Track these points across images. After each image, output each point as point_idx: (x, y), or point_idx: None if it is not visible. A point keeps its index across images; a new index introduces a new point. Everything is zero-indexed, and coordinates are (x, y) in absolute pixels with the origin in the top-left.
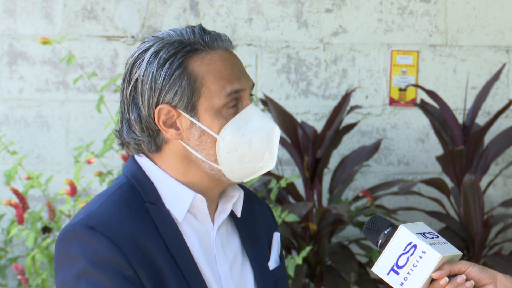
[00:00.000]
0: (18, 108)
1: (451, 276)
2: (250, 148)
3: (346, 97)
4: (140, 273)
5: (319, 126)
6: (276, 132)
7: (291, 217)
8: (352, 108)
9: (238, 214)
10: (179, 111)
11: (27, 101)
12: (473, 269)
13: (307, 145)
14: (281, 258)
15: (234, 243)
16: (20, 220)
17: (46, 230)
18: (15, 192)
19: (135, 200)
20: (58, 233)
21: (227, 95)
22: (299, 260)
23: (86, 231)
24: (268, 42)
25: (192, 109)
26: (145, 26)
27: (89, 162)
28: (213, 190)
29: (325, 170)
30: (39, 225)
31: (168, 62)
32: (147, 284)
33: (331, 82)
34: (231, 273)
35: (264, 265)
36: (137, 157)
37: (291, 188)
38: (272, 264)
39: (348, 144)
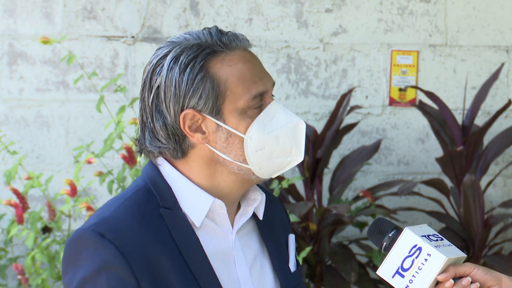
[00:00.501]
0: (18, 108)
1: (456, 279)
2: (278, 144)
3: (345, 97)
4: (144, 284)
5: (319, 126)
6: (302, 126)
7: (291, 218)
8: (352, 108)
9: (261, 217)
10: (204, 115)
11: (27, 101)
12: (478, 271)
13: (307, 145)
14: (298, 262)
15: (253, 244)
16: (20, 220)
17: (46, 230)
18: (15, 192)
19: (150, 205)
20: (58, 233)
21: (252, 98)
22: (299, 260)
23: (96, 238)
24: (268, 42)
25: (217, 112)
26: (145, 26)
27: (89, 162)
28: (239, 190)
29: (325, 170)
30: (39, 225)
31: (189, 66)
32: None
33: (331, 82)
34: (251, 275)
35: (287, 268)
36: (157, 161)
37: (291, 188)
38: (292, 266)
39: (348, 144)
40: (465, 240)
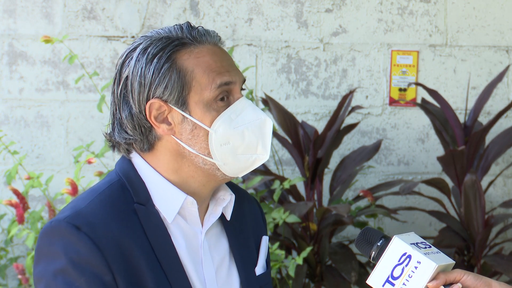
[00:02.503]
0: (18, 108)
1: (447, 285)
2: (243, 140)
3: (347, 97)
4: (118, 278)
5: (319, 126)
6: (269, 124)
7: (292, 218)
8: (353, 109)
9: (228, 218)
10: (170, 105)
11: (27, 101)
12: (468, 277)
13: (307, 145)
14: (267, 263)
15: (222, 246)
16: (21, 220)
17: None
18: (16, 192)
19: (124, 200)
20: None
21: (217, 87)
22: (299, 260)
23: (71, 230)
24: (268, 42)
25: (183, 103)
26: (145, 26)
27: (89, 162)
28: (206, 187)
29: (326, 170)
30: (39, 225)
31: (157, 57)
32: None
33: (331, 82)
34: (217, 277)
35: (251, 271)
36: (130, 155)
37: (291, 188)
38: (259, 269)
39: (348, 144)
40: (466, 240)
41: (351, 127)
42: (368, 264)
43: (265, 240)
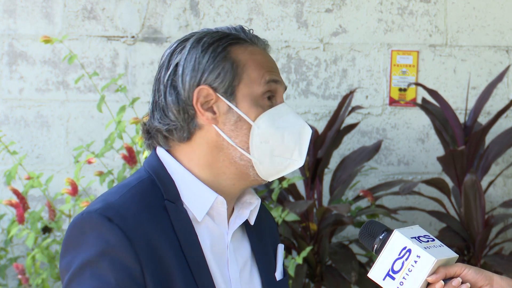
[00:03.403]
0: (18, 108)
1: (447, 279)
2: (282, 142)
3: (347, 97)
4: (146, 271)
5: (319, 126)
6: (308, 132)
7: (291, 217)
8: (353, 109)
9: (253, 222)
10: (218, 95)
11: (27, 101)
12: (469, 272)
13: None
14: (285, 271)
15: (245, 249)
16: (20, 220)
17: (46, 230)
18: (15, 192)
19: (155, 196)
20: (58, 233)
21: (266, 82)
22: (299, 260)
23: (103, 221)
24: (268, 42)
25: (231, 93)
26: (145, 26)
27: (89, 162)
28: (236, 186)
29: (326, 170)
30: (39, 225)
31: (213, 46)
32: (151, 283)
33: (331, 82)
34: (241, 278)
35: (272, 275)
36: (159, 152)
37: (291, 188)
38: (278, 275)
39: (348, 144)
40: (466, 240)
41: (351, 127)
42: (368, 264)
43: (280, 248)
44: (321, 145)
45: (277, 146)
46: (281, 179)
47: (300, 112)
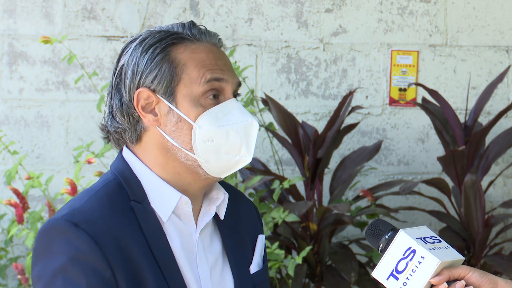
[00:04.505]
0: (18, 108)
1: (451, 282)
2: (227, 140)
3: (347, 97)
4: (118, 274)
5: (319, 126)
6: (255, 127)
7: (291, 217)
8: (353, 109)
9: (222, 217)
10: (158, 96)
11: (27, 101)
12: (473, 274)
13: (307, 145)
14: (264, 261)
15: (216, 246)
16: (20, 220)
17: None
18: (15, 192)
19: (121, 198)
20: None
21: (206, 82)
22: (299, 260)
23: (70, 227)
24: (268, 42)
25: (170, 94)
26: (145, 26)
27: (89, 162)
28: (193, 185)
29: (326, 170)
30: (39, 225)
31: (153, 47)
32: (123, 285)
33: (331, 82)
34: (211, 276)
35: (245, 270)
36: (124, 154)
37: (291, 188)
38: (254, 267)
39: (348, 144)
40: (466, 240)
41: (351, 127)
42: (368, 264)
43: (261, 238)
44: (321, 145)
45: (223, 144)
46: (282, 180)
47: (300, 112)
